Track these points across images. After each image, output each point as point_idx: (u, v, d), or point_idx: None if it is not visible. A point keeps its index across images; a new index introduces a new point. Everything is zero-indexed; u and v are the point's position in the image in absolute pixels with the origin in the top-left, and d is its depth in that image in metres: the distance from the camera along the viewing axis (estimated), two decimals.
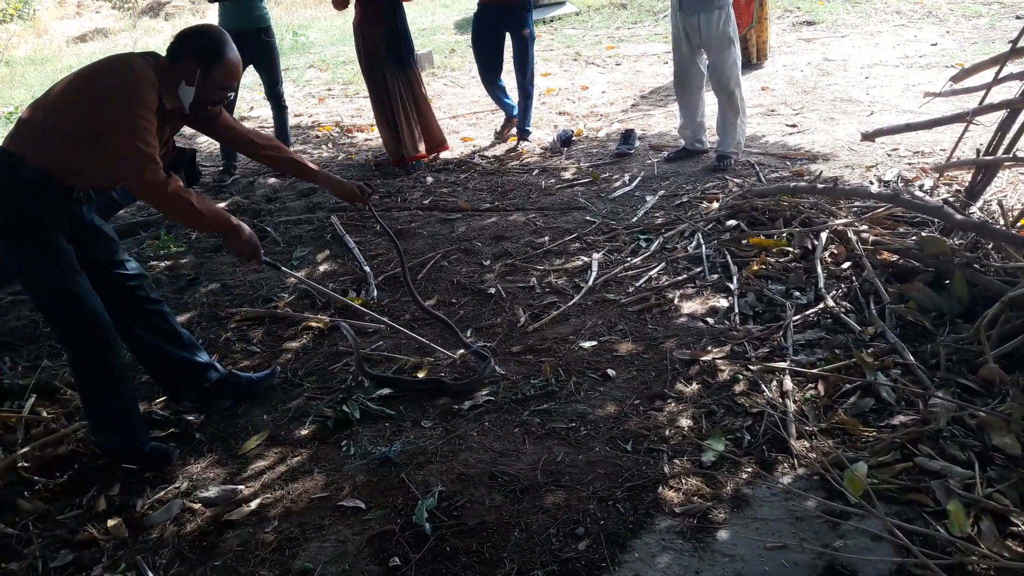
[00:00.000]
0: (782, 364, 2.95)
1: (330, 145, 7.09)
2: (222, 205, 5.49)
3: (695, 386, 2.93)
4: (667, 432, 2.69)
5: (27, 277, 2.68)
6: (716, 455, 2.53)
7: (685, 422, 2.74)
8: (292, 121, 7.92)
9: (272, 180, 6.08)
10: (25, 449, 2.98)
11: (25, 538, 2.57)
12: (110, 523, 2.60)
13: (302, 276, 3.50)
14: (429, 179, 5.75)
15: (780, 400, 2.77)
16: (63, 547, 2.52)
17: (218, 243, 4.86)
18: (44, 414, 3.24)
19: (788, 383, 2.83)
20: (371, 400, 3.07)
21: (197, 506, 2.64)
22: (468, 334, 3.48)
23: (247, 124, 5.57)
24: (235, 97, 3.09)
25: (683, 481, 2.45)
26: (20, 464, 2.91)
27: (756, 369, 2.95)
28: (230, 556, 2.40)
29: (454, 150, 6.34)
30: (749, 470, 2.47)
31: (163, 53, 2.70)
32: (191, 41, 2.65)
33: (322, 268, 4.41)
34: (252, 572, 2.31)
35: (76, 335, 2.69)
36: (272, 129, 6.35)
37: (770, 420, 2.66)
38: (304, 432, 2.97)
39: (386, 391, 3.12)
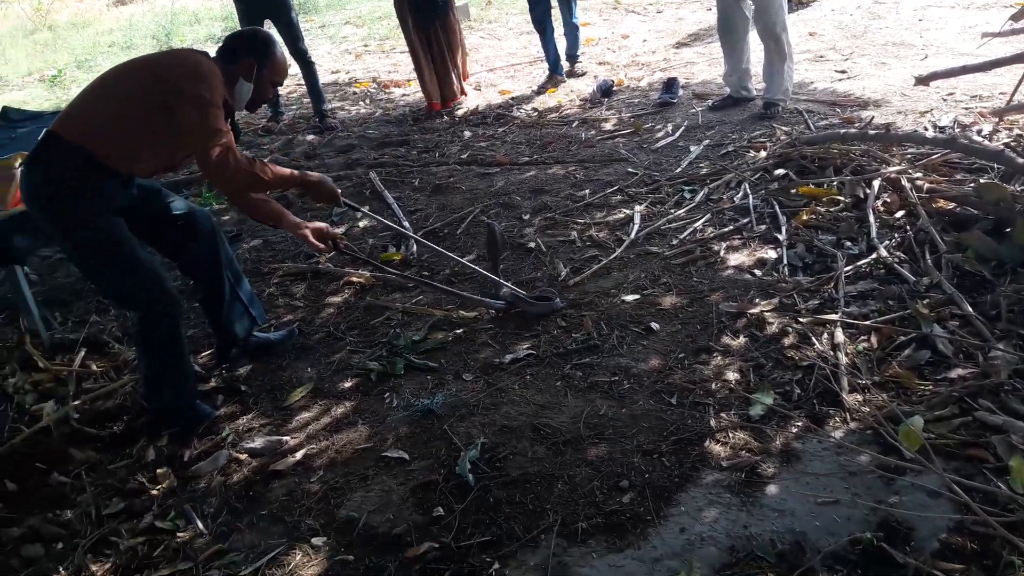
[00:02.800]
0: (833, 316, 2.86)
1: (367, 101, 7.04)
2: None
3: (742, 339, 2.87)
4: (713, 386, 2.64)
5: (85, 263, 2.70)
6: (764, 409, 2.47)
7: (732, 376, 2.68)
8: (328, 78, 7.91)
9: (311, 137, 6.07)
10: (76, 402, 3.04)
11: (79, 486, 2.63)
12: (159, 472, 2.64)
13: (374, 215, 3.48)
14: (467, 133, 5.68)
15: (831, 353, 2.69)
16: (115, 495, 2.57)
17: None
18: (94, 367, 3.30)
19: (840, 335, 2.74)
20: (413, 353, 3.07)
21: (243, 457, 2.67)
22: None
23: None
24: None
25: (730, 435, 2.41)
26: (72, 416, 2.98)
27: (806, 322, 2.87)
28: (276, 505, 2.42)
29: (491, 103, 6.25)
30: (799, 424, 2.41)
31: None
32: (246, 41, 2.77)
33: (361, 224, 4.40)
34: (298, 521, 2.33)
35: (145, 311, 2.70)
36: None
37: (821, 373, 2.58)
38: (347, 385, 2.98)
39: (428, 345, 3.12)
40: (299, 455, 2.62)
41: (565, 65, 6.69)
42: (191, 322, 3.50)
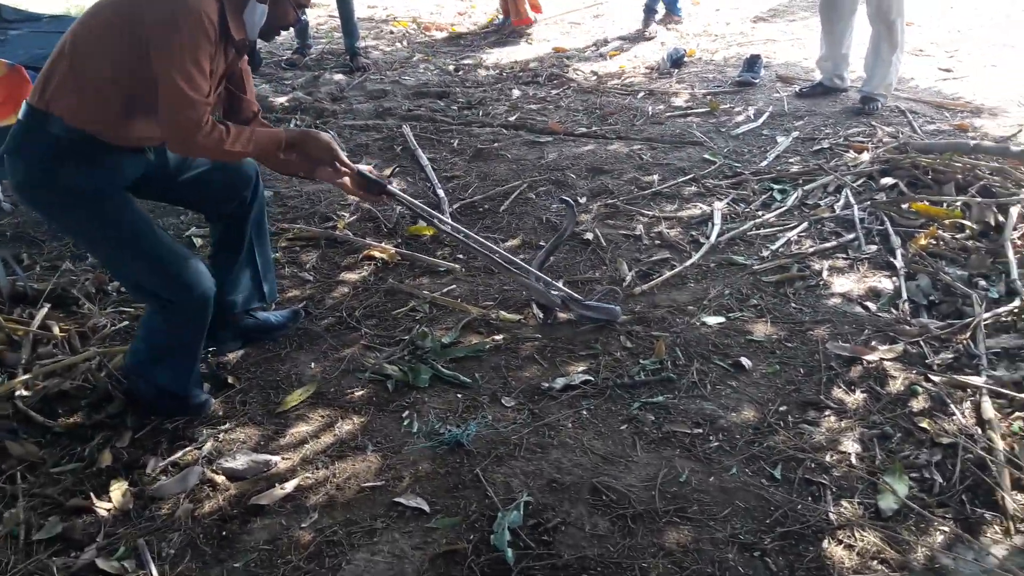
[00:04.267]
0: (976, 380, 2.26)
1: (404, 43, 6.36)
2: (283, 100, 4.87)
3: (859, 395, 2.28)
4: (828, 458, 2.05)
5: (95, 249, 2.23)
6: (898, 502, 1.89)
7: (851, 446, 2.09)
8: (364, 12, 7.21)
9: (339, 76, 5.42)
10: (26, 376, 2.47)
11: (9, 493, 2.07)
12: (113, 486, 2.08)
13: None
14: (516, 92, 5.03)
15: (979, 431, 2.10)
16: (53, 512, 2.01)
17: None
18: (56, 330, 2.72)
19: (989, 408, 2.15)
20: (442, 360, 2.49)
21: (220, 478, 2.10)
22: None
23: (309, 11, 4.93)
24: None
25: (855, 535, 1.83)
26: (18, 393, 2.41)
27: (940, 382, 2.28)
28: (253, 557, 1.86)
29: (544, 59, 5.58)
30: (945, 529, 1.83)
31: None
32: None
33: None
34: None
35: (162, 310, 2.21)
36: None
37: (967, 458, 2.00)
38: (358, 393, 2.40)
39: (461, 351, 2.53)
40: (290, 486, 2.06)
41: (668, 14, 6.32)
42: None
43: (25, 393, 2.42)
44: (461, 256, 3.14)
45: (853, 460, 2.05)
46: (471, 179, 3.81)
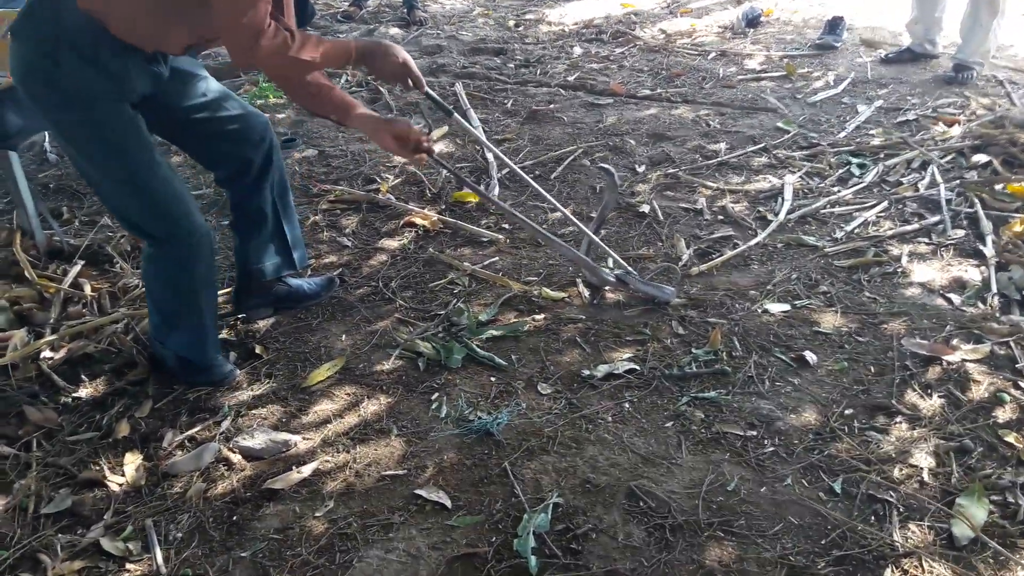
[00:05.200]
0: None
1: None
2: None
3: (936, 400, 2.04)
4: (896, 472, 1.83)
5: (84, 164, 1.99)
6: (975, 530, 1.67)
7: (924, 460, 1.87)
8: None
9: (395, 30, 5.24)
10: (52, 337, 2.40)
11: (23, 461, 2.00)
12: (127, 459, 2.00)
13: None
14: (577, 50, 4.78)
15: None
16: (65, 484, 1.94)
17: None
18: (87, 289, 2.65)
19: None
20: (477, 339, 2.33)
21: (236, 457, 1.99)
22: (608, 268, 2.64)
23: None
24: None
25: (923, 565, 1.62)
26: (44, 354, 2.35)
27: None
28: (262, 547, 1.75)
29: (610, 15, 5.29)
30: None
31: None
32: None
33: (438, 148, 3.61)
34: None
35: (158, 247, 2.07)
36: None
37: None
38: (387, 370, 2.27)
39: (498, 330, 2.37)
40: (307, 470, 1.94)
41: None
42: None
43: (50, 354, 2.36)
44: (506, 226, 2.96)
45: (925, 476, 1.82)
46: (523, 142, 3.61)
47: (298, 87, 2.09)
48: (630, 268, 2.49)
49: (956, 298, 2.42)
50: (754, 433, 1.96)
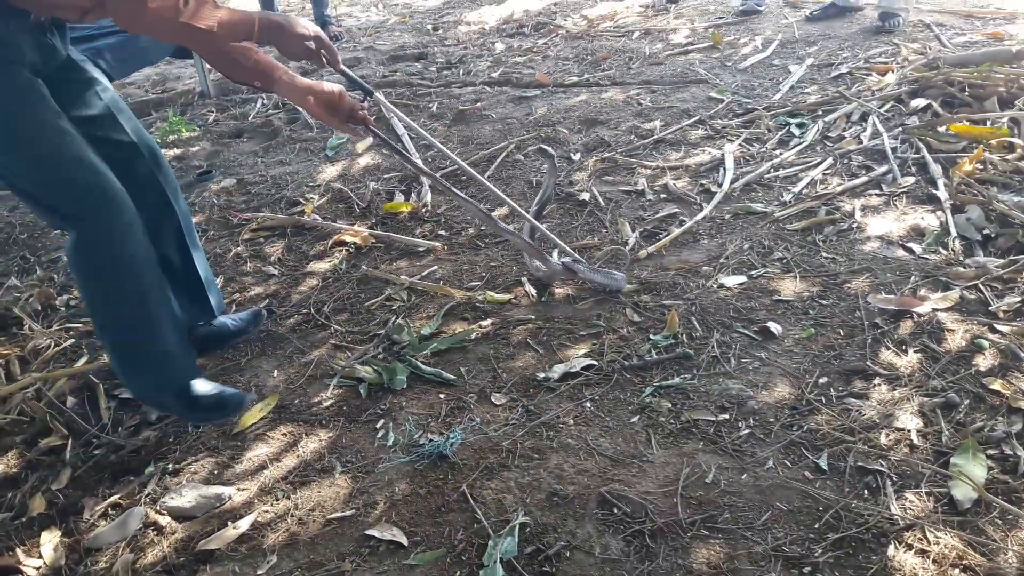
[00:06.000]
0: None
1: (380, 7, 5.96)
2: None
3: (913, 356, 1.91)
4: (883, 438, 1.70)
5: None
6: (976, 490, 1.53)
7: (910, 421, 1.73)
8: None
9: None
10: None
11: None
12: (44, 537, 1.78)
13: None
14: (499, 46, 4.63)
15: None
16: None
17: (240, 128, 3.91)
18: None
19: None
20: (421, 355, 2.15)
21: (165, 520, 1.78)
22: (554, 258, 2.48)
23: None
24: None
25: (928, 537, 1.47)
26: None
27: (1010, 332, 1.91)
28: None
29: (530, 8, 5.16)
30: None
31: None
32: None
33: (362, 161, 3.43)
34: None
35: (82, 228, 1.78)
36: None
37: None
38: (326, 401, 2.07)
39: (443, 343, 2.19)
40: (244, 524, 1.73)
41: None
42: None
43: None
44: (443, 233, 2.79)
45: (914, 439, 1.69)
46: (453, 144, 3.45)
47: (211, 49, 1.84)
48: (577, 255, 2.33)
49: (917, 247, 2.30)
50: (726, 416, 1.81)
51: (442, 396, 2.03)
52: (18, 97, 1.67)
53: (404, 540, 1.63)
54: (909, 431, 1.71)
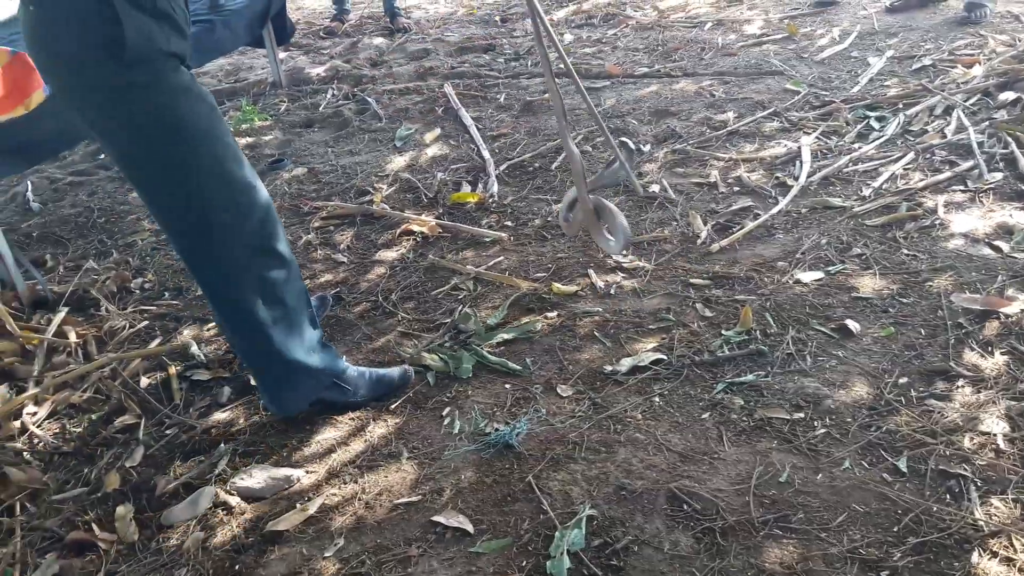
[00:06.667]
0: None
1: None
2: (320, 71, 4.57)
3: (999, 358, 1.83)
4: (967, 442, 1.63)
5: (133, 147, 1.58)
6: None
7: (995, 424, 1.66)
8: None
9: (379, 40, 5.09)
10: (35, 390, 2.24)
11: (6, 527, 1.84)
12: (118, 513, 1.83)
13: None
14: (568, 36, 4.60)
15: None
16: (51, 548, 1.77)
17: (311, 117, 3.97)
18: (72, 336, 2.50)
19: None
20: (488, 345, 2.15)
21: (235, 500, 1.82)
22: (624, 254, 2.44)
23: None
24: None
25: (1014, 543, 1.41)
26: (27, 410, 2.19)
27: None
28: None
29: (599, 2, 5.11)
30: None
31: None
32: None
33: (430, 152, 3.44)
34: None
35: (237, 234, 1.69)
36: None
37: None
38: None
39: (509, 333, 2.18)
40: (313, 507, 1.76)
41: None
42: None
43: (34, 409, 2.20)
44: (509, 223, 2.78)
45: (1000, 444, 1.61)
46: (519, 136, 3.44)
47: None
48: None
49: (1004, 245, 2.20)
50: (801, 415, 1.76)
51: (508, 386, 2.02)
52: (194, 103, 1.56)
53: (470, 528, 1.63)
54: (995, 435, 1.63)
